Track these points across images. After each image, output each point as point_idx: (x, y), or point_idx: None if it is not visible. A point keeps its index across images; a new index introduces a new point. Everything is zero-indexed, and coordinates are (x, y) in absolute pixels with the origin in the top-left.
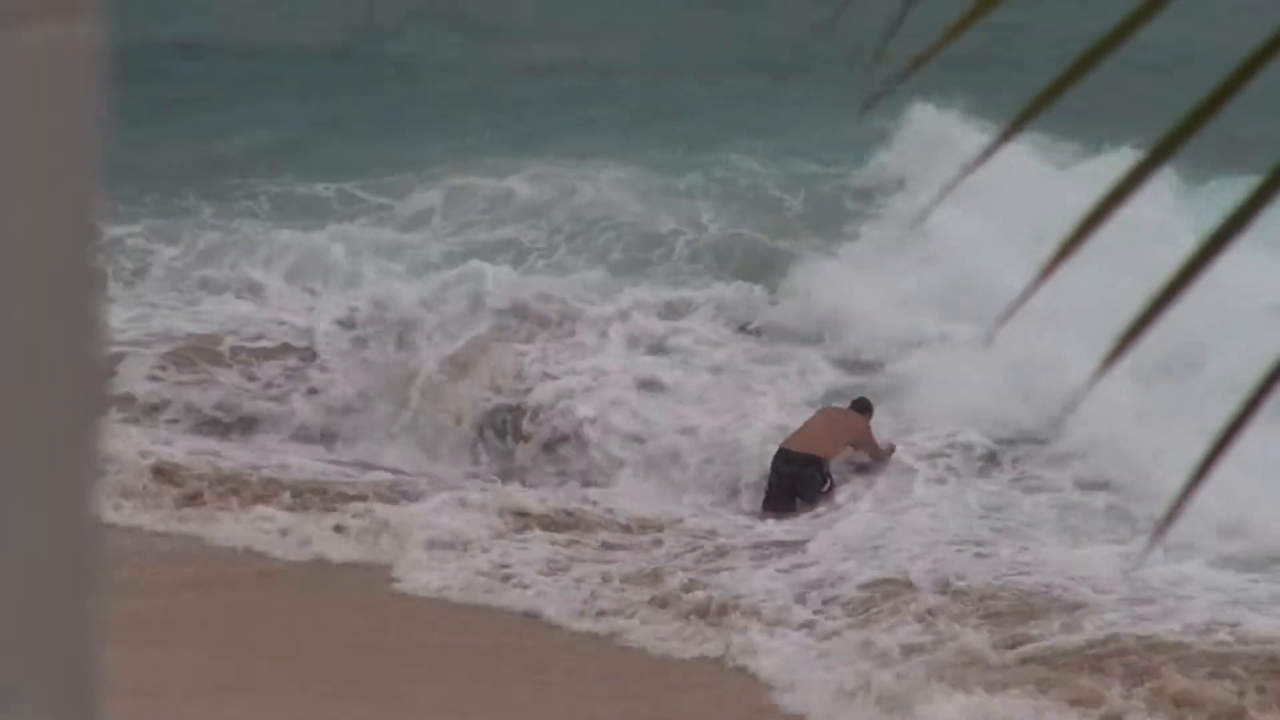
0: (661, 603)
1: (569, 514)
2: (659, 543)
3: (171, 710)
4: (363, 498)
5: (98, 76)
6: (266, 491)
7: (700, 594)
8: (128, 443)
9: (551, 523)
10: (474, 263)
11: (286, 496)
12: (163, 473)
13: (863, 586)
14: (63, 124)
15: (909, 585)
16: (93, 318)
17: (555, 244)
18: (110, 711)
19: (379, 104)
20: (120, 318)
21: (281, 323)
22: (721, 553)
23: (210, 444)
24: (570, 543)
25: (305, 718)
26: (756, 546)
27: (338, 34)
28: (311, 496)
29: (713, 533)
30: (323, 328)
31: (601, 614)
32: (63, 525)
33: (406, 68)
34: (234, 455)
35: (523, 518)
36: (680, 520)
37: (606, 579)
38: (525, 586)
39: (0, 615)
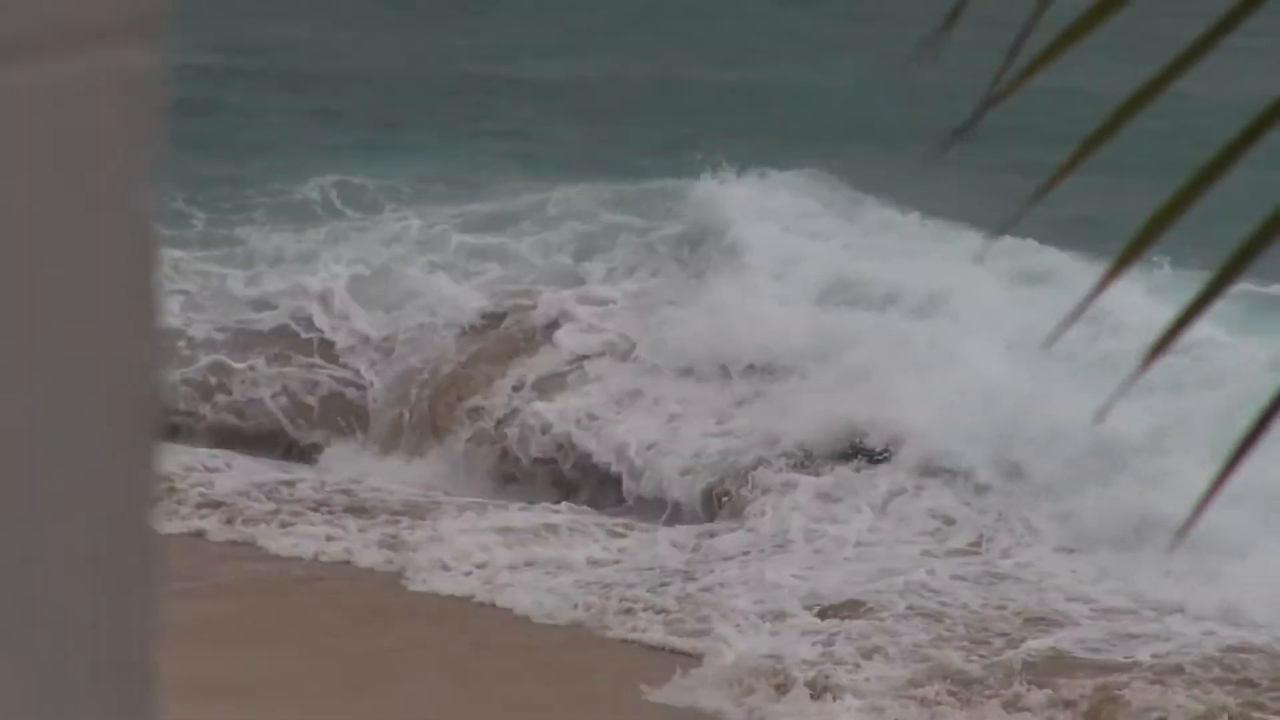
0: (658, 608)
1: (566, 518)
2: (650, 544)
3: (204, 710)
4: (386, 509)
5: (160, 103)
6: (301, 503)
7: (690, 597)
8: (187, 456)
9: (552, 526)
10: (459, 266)
11: (313, 511)
12: (216, 488)
13: (833, 595)
14: (124, 150)
15: (877, 596)
16: (153, 333)
17: (530, 246)
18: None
19: (370, 130)
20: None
21: (289, 325)
22: (707, 556)
23: (249, 454)
24: (568, 545)
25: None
26: (740, 553)
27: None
28: (348, 508)
29: (702, 534)
30: (335, 333)
31: (596, 617)
32: (121, 532)
33: (405, 112)
34: (268, 465)
35: (523, 526)
36: (670, 522)
37: (602, 581)
38: (530, 589)
39: (60, 619)
